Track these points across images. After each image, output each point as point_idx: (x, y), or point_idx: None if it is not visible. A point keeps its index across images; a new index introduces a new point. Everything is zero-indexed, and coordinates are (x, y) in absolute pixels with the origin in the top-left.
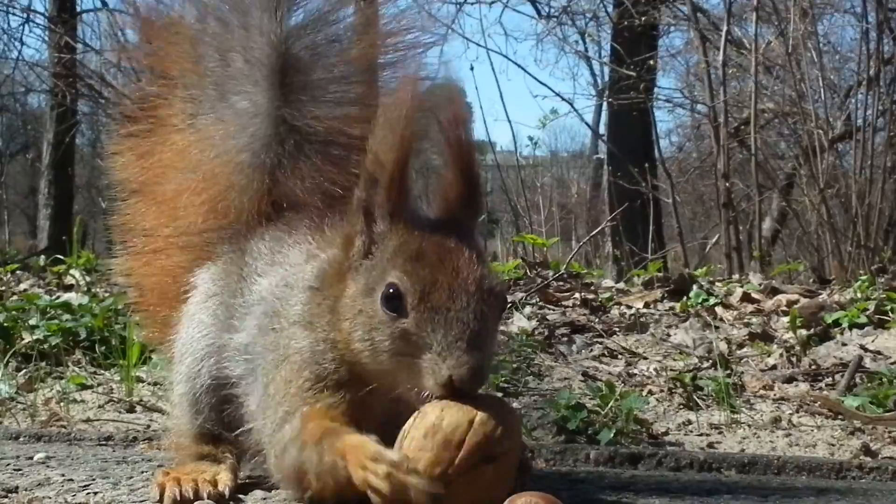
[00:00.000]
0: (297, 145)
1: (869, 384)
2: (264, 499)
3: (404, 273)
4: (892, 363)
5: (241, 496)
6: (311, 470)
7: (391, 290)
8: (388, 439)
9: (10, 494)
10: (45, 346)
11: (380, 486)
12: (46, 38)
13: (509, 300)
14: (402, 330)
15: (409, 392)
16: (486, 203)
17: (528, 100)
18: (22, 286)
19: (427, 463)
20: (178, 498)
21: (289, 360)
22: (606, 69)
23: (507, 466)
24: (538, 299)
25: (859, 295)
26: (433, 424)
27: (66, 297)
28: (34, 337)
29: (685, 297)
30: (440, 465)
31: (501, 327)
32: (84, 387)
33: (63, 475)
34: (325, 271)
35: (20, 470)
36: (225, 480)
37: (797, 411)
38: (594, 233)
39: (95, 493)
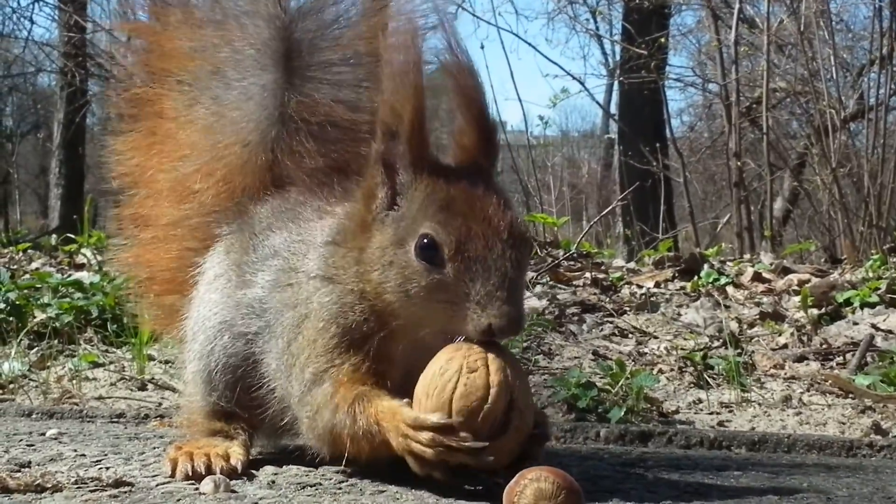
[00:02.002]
0: (298, 126)
1: (880, 363)
2: (275, 474)
3: (438, 223)
4: None
5: (252, 471)
6: (345, 433)
7: (425, 241)
8: (410, 390)
9: (23, 469)
10: (57, 324)
11: (423, 453)
12: (56, 17)
13: None
14: (439, 280)
15: (443, 337)
16: (500, 146)
17: (538, 79)
18: (34, 265)
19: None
20: (190, 473)
21: (311, 316)
22: (618, 48)
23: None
24: (549, 279)
25: (871, 274)
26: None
27: (77, 275)
28: (46, 315)
29: (696, 277)
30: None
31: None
32: (96, 365)
33: (75, 451)
34: (345, 225)
35: (33, 445)
36: (237, 455)
37: (808, 390)
38: (605, 212)
39: (107, 468)
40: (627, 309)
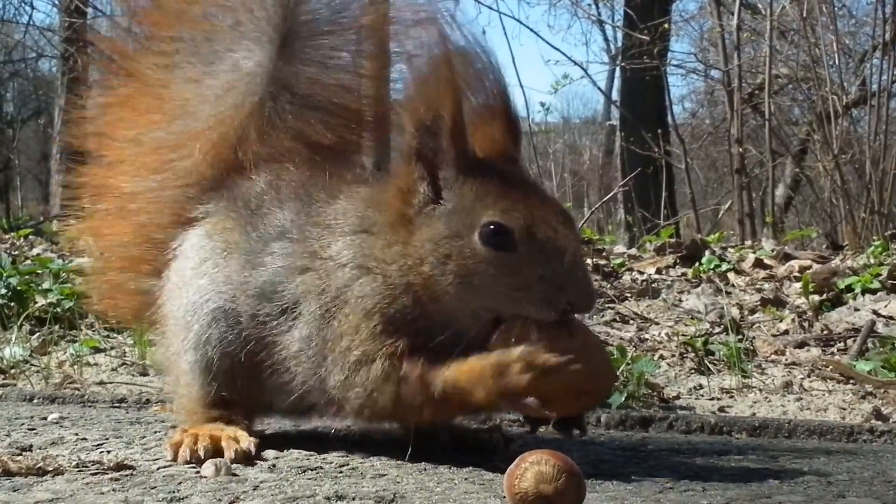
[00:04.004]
0: (286, 104)
1: (881, 349)
2: (277, 458)
3: (501, 210)
4: None
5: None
6: (414, 404)
7: (492, 227)
8: None
9: (24, 452)
10: (59, 309)
11: (519, 384)
12: (56, 2)
13: None
14: (511, 265)
15: (486, 322)
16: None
17: (540, 65)
18: (35, 250)
19: None
20: (189, 458)
21: (350, 305)
22: (620, 34)
23: None
24: None
25: (872, 260)
26: None
27: (78, 261)
28: (47, 300)
29: (697, 263)
30: None
31: None
32: (97, 350)
33: (77, 434)
34: (373, 216)
35: (34, 429)
36: (247, 438)
37: (808, 376)
38: (606, 198)
39: (109, 452)
40: (628, 295)
